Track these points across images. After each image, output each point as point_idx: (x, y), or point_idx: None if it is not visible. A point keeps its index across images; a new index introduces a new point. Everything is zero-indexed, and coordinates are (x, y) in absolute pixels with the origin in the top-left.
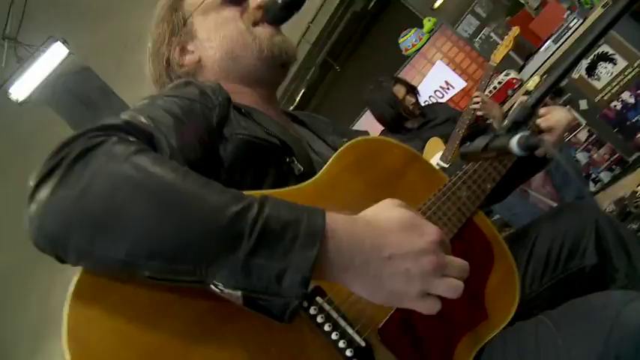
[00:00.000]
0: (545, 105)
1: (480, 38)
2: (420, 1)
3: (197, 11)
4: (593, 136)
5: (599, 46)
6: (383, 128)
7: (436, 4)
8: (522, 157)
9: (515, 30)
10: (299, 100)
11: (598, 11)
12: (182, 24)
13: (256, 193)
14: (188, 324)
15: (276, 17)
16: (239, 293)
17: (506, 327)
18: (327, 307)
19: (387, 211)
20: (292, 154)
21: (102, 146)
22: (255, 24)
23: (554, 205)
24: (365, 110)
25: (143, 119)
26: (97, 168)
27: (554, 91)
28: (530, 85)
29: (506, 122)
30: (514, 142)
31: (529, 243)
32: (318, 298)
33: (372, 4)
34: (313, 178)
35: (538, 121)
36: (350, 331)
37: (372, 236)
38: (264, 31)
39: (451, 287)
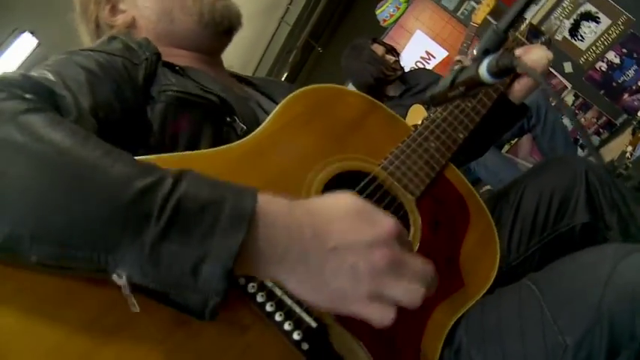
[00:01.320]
0: (524, 44)
1: (465, 9)
2: None
3: None
4: (579, 100)
5: (582, 5)
6: None
7: None
8: (496, 107)
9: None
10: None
11: None
12: None
13: (173, 156)
14: (96, 315)
15: None
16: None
17: (485, 294)
18: (269, 283)
19: (333, 198)
20: (233, 113)
21: None
22: None
23: None
24: (346, 84)
25: (50, 75)
26: None
27: (532, 32)
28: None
29: (475, 51)
30: (484, 68)
31: (515, 200)
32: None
33: None
34: (252, 133)
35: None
36: (297, 310)
37: (314, 224)
38: None
39: (407, 290)
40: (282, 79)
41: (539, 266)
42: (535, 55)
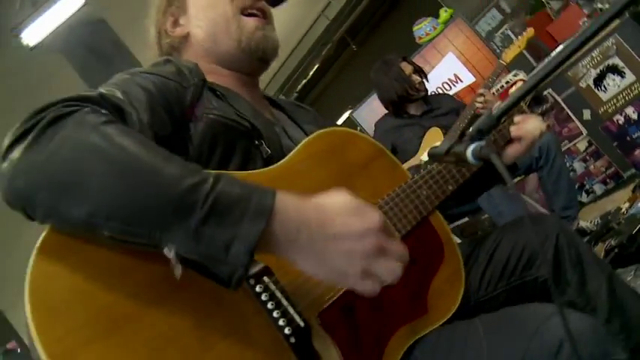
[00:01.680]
0: (524, 112)
1: (501, 33)
2: None
3: None
4: (592, 147)
5: (610, 57)
6: (386, 112)
7: None
8: (485, 166)
9: (530, 32)
10: (312, 75)
11: (614, 23)
12: None
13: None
14: (143, 287)
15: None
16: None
17: (445, 323)
18: (272, 286)
19: (334, 197)
20: (261, 138)
21: (74, 115)
22: (245, 11)
23: (543, 211)
24: (372, 93)
25: (118, 94)
26: (66, 134)
27: (534, 99)
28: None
29: (471, 129)
30: (469, 151)
31: (491, 247)
32: (265, 278)
33: None
34: (279, 162)
35: (511, 128)
36: (291, 311)
37: (319, 217)
38: (248, 22)
39: (390, 269)
40: (314, 69)
41: (504, 305)
42: (530, 126)
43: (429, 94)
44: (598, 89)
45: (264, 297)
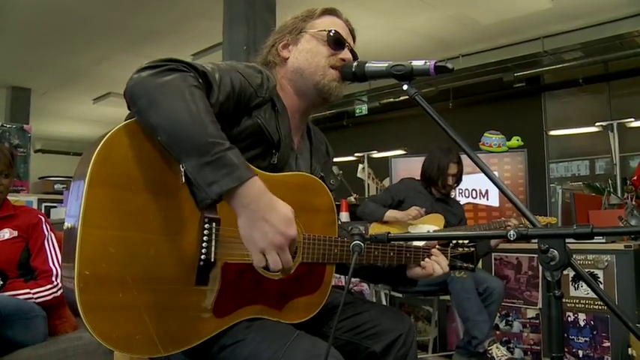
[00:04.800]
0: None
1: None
2: (552, 114)
3: (310, 32)
4: (536, 321)
5: (598, 269)
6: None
7: (553, 133)
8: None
9: (552, 220)
10: (401, 100)
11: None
12: (298, 32)
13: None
14: (157, 184)
15: (343, 75)
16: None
17: (295, 325)
18: (214, 230)
19: (285, 205)
20: (277, 151)
21: (183, 72)
22: (333, 67)
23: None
24: (418, 156)
25: (216, 76)
26: (173, 79)
27: (462, 256)
28: None
29: (371, 235)
30: (353, 243)
31: (363, 309)
32: (214, 223)
33: (520, 85)
34: (272, 173)
35: (427, 259)
36: (213, 249)
37: (267, 205)
38: (332, 73)
39: (276, 261)
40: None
41: (338, 347)
42: (436, 264)
43: (453, 190)
44: (572, 283)
45: (205, 232)
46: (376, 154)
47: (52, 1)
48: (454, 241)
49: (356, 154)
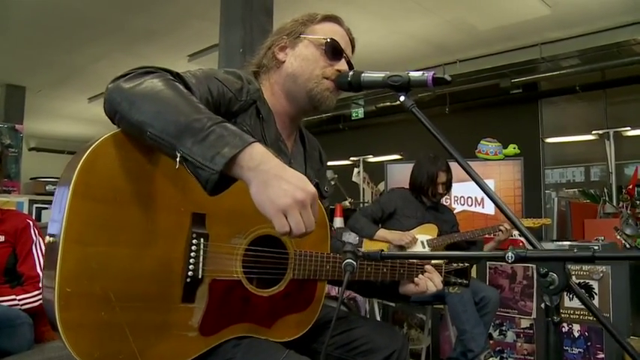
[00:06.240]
0: (439, 269)
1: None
2: (549, 121)
3: (309, 38)
4: (531, 331)
5: (593, 280)
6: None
7: (549, 140)
8: (393, 283)
9: (546, 221)
10: (397, 105)
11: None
12: (297, 35)
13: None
14: (144, 197)
15: (339, 85)
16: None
17: (282, 343)
18: (202, 246)
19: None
20: None
21: (159, 73)
22: (327, 77)
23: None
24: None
25: (193, 81)
26: (150, 77)
27: (456, 271)
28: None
29: (363, 252)
30: (345, 263)
31: (356, 324)
32: (202, 239)
33: (517, 91)
34: None
35: (420, 275)
36: (200, 265)
37: (279, 164)
38: (326, 83)
39: (299, 221)
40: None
41: None
42: (430, 281)
43: (443, 197)
44: (567, 293)
45: (193, 247)
46: (372, 159)
47: (48, 0)
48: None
49: (351, 158)
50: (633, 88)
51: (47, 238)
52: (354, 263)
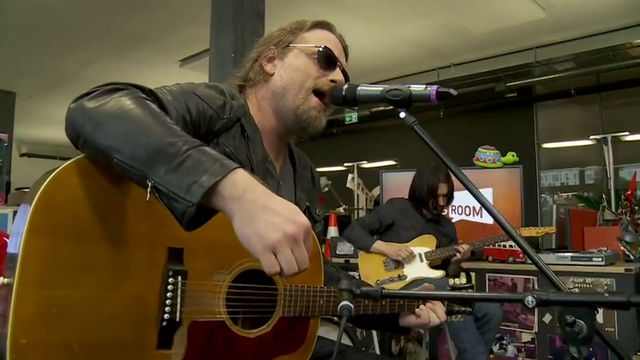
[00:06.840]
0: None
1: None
2: (544, 125)
3: (299, 47)
4: (532, 345)
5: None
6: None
7: (546, 146)
8: (391, 315)
9: (551, 229)
10: (391, 109)
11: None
12: (286, 44)
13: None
14: (120, 231)
15: (333, 99)
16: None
17: None
18: (180, 283)
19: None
20: None
21: (128, 90)
22: (317, 91)
23: None
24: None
25: (168, 97)
26: (116, 96)
27: (461, 301)
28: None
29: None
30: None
31: (350, 358)
32: (179, 277)
33: (512, 95)
34: None
35: (421, 306)
36: (178, 307)
37: (266, 192)
38: (313, 100)
39: (291, 259)
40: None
41: None
42: (433, 312)
43: (444, 210)
44: None
45: (170, 287)
46: (366, 164)
47: (38, 4)
48: (452, 283)
49: (345, 164)
50: (628, 92)
51: (0, 280)
52: (351, 306)
